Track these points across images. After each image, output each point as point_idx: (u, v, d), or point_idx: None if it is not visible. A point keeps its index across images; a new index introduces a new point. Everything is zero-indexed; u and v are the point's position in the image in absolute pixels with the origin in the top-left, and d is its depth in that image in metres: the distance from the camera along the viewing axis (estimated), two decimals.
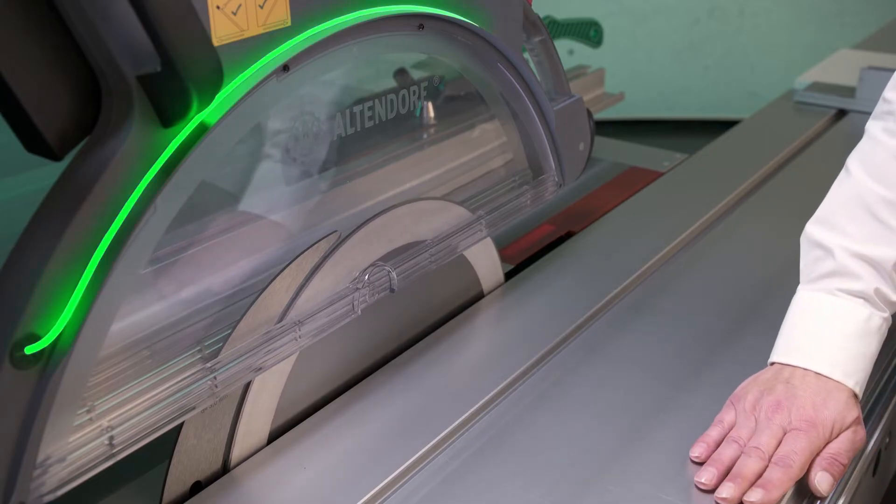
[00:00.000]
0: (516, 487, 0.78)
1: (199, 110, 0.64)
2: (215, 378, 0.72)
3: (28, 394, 0.59)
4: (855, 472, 0.82)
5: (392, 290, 0.88)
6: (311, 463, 0.81)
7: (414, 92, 0.92)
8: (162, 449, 0.75)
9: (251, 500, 0.77)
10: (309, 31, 0.74)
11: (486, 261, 1.07)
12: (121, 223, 0.61)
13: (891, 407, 0.90)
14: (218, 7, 0.65)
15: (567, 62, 1.12)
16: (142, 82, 0.60)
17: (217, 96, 0.66)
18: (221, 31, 0.66)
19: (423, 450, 0.82)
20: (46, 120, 0.57)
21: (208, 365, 0.72)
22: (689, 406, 0.87)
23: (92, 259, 0.60)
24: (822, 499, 0.77)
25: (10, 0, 0.54)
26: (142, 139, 0.62)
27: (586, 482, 0.78)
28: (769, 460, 0.76)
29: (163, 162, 0.63)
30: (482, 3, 0.91)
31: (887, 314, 0.83)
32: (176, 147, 0.64)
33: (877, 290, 0.82)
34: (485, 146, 1.04)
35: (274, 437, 0.84)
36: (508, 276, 1.12)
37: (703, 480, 0.77)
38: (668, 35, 2.78)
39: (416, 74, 0.94)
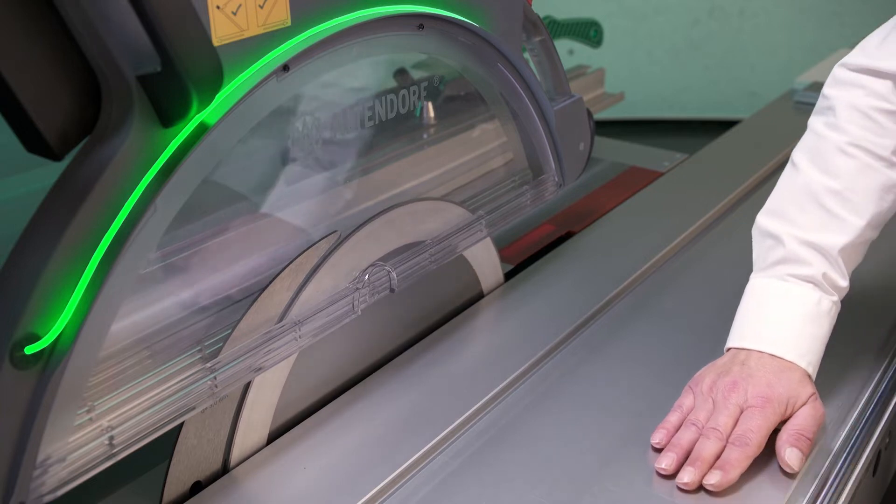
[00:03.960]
0: (516, 487, 0.78)
1: (199, 110, 0.64)
2: (215, 378, 0.72)
3: (28, 394, 0.59)
4: (855, 473, 0.82)
5: (392, 290, 0.88)
6: (311, 463, 0.81)
7: (414, 92, 0.92)
8: (162, 449, 0.75)
9: (251, 500, 0.78)
10: (309, 31, 0.74)
11: (486, 261, 1.07)
12: (121, 223, 0.61)
13: (891, 407, 0.90)
14: (218, 7, 0.65)
15: (567, 62, 1.12)
16: (142, 82, 0.60)
17: (217, 96, 0.66)
18: (221, 31, 0.66)
19: (424, 450, 0.82)
20: (46, 120, 0.57)
21: (208, 365, 0.72)
22: None
23: (92, 259, 0.60)
24: (794, 475, 0.78)
25: (11, 0, 0.54)
26: (142, 139, 0.62)
27: (586, 482, 0.78)
28: (727, 440, 0.78)
29: (163, 162, 0.63)
30: (482, 3, 0.91)
31: (836, 298, 0.86)
32: (176, 147, 0.64)
33: (825, 275, 0.85)
34: (485, 146, 1.04)
35: (274, 437, 0.84)
36: (508, 276, 1.12)
37: (662, 466, 0.78)
38: (668, 35, 2.78)
39: (417, 74, 0.94)
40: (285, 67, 0.71)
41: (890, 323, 1.00)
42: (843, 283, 0.86)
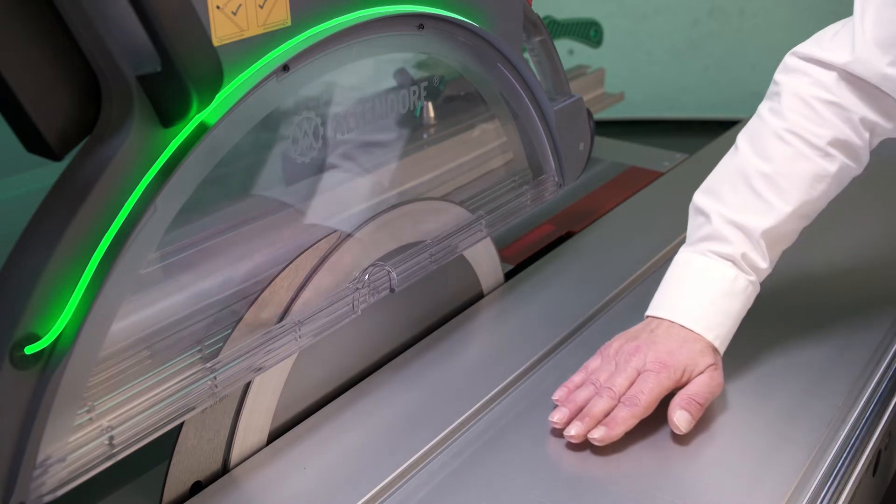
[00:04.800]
0: (516, 487, 0.78)
1: (199, 110, 0.64)
2: (215, 378, 0.72)
3: (28, 394, 0.59)
4: (855, 473, 0.82)
5: (392, 290, 0.88)
6: (311, 463, 0.81)
7: (413, 92, 0.92)
8: (162, 449, 0.75)
9: (251, 500, 0.78)
10: (309, 31, 0.74)
11: (486, 261, 1.07)
12: (121, 223, 0.61)
13: (891, 407, 0.90)
14: (218, 7, 0.65)
15: (567, 62, 1.12)
16: (142, 82, 0.60)
17: (217, 96, 0.66)
18: (221, 31, 0.66)
19: (424, 449, 0.82)
20: (46, 120, 0.57)
21: (208, 365, 0.72)
22: None
23: (92, 259, 0.60)
24: (682, 435, 0.82)
25: (11, 0, 0.54)
26: (142, 139, 0.62)
27: (586, 482, 0.78)
28: (619, 399, 0.82)
29: (163, 162, 0.63)
30: (482, 3, 0.91)
31: (754, 278, 0.88)
32: (176, 147, 0.64)
33: (744, 255, 0.87)
34: (485, 146, 1.04)
35: (274, 437, 0.84)
36: (508, 276, 1.12)
37: (554, 420, 0.82)
38: (668, 35, 2.78)
39: (416, 74, 0.94)
40: (285, 67, 0.71)
41: (889, 323, 1.00)
42: (764, 264, 0.88)
